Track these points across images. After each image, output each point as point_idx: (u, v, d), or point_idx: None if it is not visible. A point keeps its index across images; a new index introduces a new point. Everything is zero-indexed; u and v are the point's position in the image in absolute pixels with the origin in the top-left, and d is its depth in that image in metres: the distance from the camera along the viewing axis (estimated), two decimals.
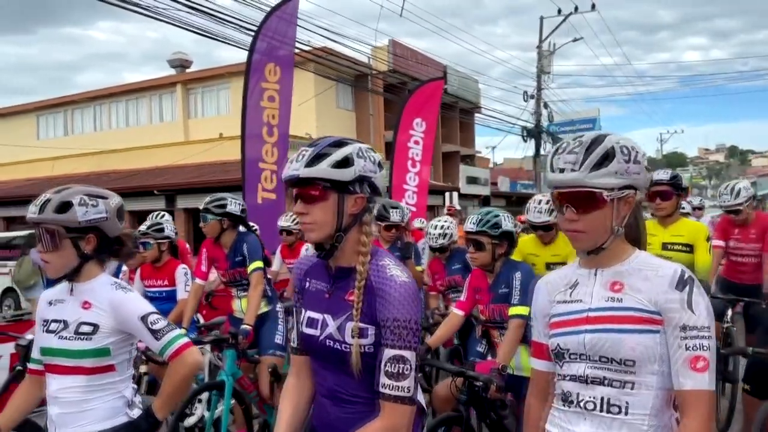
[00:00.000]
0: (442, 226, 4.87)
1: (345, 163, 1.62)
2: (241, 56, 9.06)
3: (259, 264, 3.98)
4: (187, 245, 7.54)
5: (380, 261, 1.70)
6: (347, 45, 49.85)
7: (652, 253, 3.69)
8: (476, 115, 29.46)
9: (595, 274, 1.62)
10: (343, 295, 1.70)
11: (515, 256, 3.55)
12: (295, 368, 1.87)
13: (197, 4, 10.83)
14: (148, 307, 2.08)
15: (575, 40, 26.51)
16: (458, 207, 13.30)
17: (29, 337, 3.18)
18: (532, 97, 25.16)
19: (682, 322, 1.47)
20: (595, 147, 1.52)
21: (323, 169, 1.61)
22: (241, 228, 4.18)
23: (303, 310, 1.81)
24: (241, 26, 12.10)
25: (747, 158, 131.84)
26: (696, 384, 1.44)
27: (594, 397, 1.54)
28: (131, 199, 19.40)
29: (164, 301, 4.41)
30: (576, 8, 25.27)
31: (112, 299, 2.04)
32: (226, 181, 17.42)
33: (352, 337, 1.63)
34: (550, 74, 26.33)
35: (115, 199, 2.14)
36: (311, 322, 1.75)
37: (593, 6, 25.77)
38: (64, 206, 1.98)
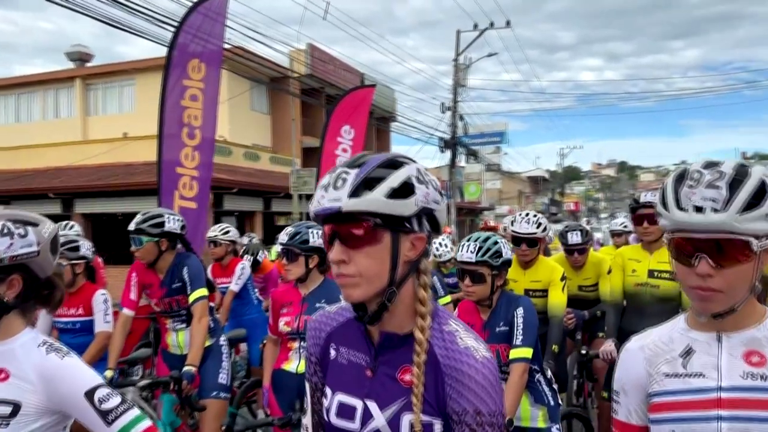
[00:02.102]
0: None
1: (404, 191, 1.15)
2: (148, 52, 8.25)
3: (203, 292, 3.37)
4: (100, 260, 6.64)
5: (445, 325, 1.23)
6: (267, 44, 48.55)
7: (637, 281, 3.40)
8: (392, 123, 29.41)
9: (719, 340, 1.24)
10: (393, 374, 1.22)
11: None
12: None
13: None
14: (94, 377, 1.49)
15: (490, 55, 27.12)
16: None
17: None
18: (449, 109, 25.38)
19: None
20: (742, 181, 1.15)
21: (376, 200, 1.13)
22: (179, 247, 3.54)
23: (330, 392, 1.30)
24: (155, 18, 11.15)
25: (635, 173, 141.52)
26: None
27: None
28: (22, 203, 17.62)
29: (78, 334, 3.67)
30: (492, 24, 25.82)
31: (43, 367, 1.45)
32: (133, 184, 16.18)
33: None
34: (465, 87, 26.73)
35: (48, 226, 1.54)
36: (345, 411, 1.25)
37: (508, 23, 26.45)
38: None
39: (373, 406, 1.22)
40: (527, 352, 2.70)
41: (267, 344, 3.51)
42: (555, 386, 2.96)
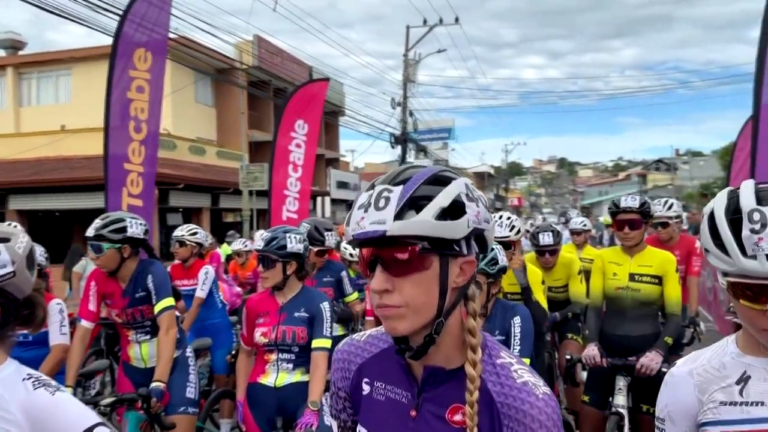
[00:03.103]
0: None
1: (455, 211, 1.04)
2: (82, 40, 7.82)
3: (169, 302, 3.13)
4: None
5: (498, 358, 1.11)
6: (213, 34, 47.22)
7: (618, 285, 3.38)
8: (340, 118, 29.17)
9: None
10: (440, 413, 1.09)
11: None
12: None
13: None
14: (90, 415, 1.29)
15: (440, 51, 27.19)
16: None
17: None
18: (399, 104, 25.34)
19: None
20: None
21: (426, 223, 1.01)
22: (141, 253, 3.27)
23: (362, 431, 1.16)
24: (94, 4, 10.58)
25: (574, 169, 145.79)
26: None
27: None
28: None
29: (31, 347, 3.34)
30: (441, 20, 25.90)
31: (31, 405, 1.23)
32: (71, 180, 15.42)
33: None
34: (415, 83, 26.75)
35: (21, 239, 1.32)
36: None
37: (457, 19, 26.60)
38: None
39: None
40: (525, 362, 2.61)
41: (240, 356, 3.30)
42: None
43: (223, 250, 11.93)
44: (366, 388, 1.19)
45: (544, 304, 3.72)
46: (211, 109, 24.35)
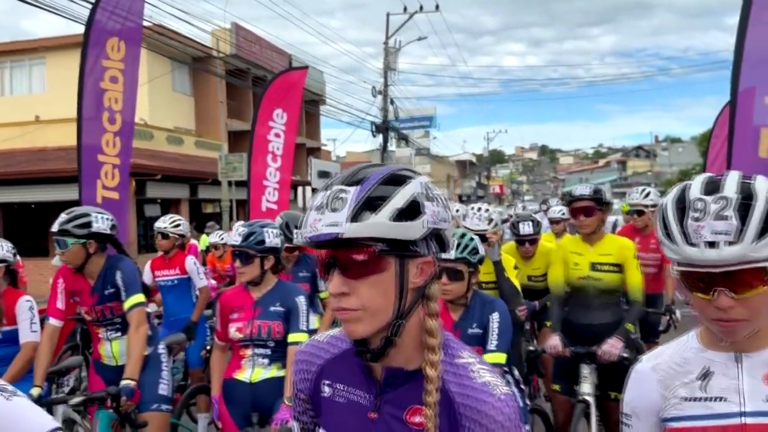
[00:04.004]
0: None
1: (412, 211, 1.03)
2: (58, 29, 7.65)
3: (139, 298, 3.06)
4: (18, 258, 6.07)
5: (458, 358, 1.09)
6: (190, 23, 46.48)
7: (580, 275, 3.45)
8: (321, 107, 28.98)
9: (737, 361, 1.18)
10: (399, 414, 1.08)
11: None
12: None
13: None
14: (48, 420, 1.24)
15: (420, 39, 27.06)
16: None
17: None
18: (380, 92, 25.23)
19: None
20: (751, 204, 1.09)
21: (382, 224, 1.01)
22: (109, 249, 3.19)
23: None
24: None
25: (556, 156, 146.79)
26: None
27: None
28: None
29: (2, 345, 3.27)
30: (421, 7, 25.77)
31: None
32: (46, 171, 15.15)
33: None
34: (396, 70, 26.63)
35: None
36: None
37: (437, 6, 26.49)
38: None
39: None
40: (501, 358, 2.63)
41: (214, 351, 3.25)
42: (523, 387, 2.90)
43: (203, 241, 11.81)
44: (326, 390, 1.17)
45: (517, 285, 3.74)
46: (189, 98, 24.02)
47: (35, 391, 2.93)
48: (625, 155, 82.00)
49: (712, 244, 1.10)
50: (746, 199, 1.11)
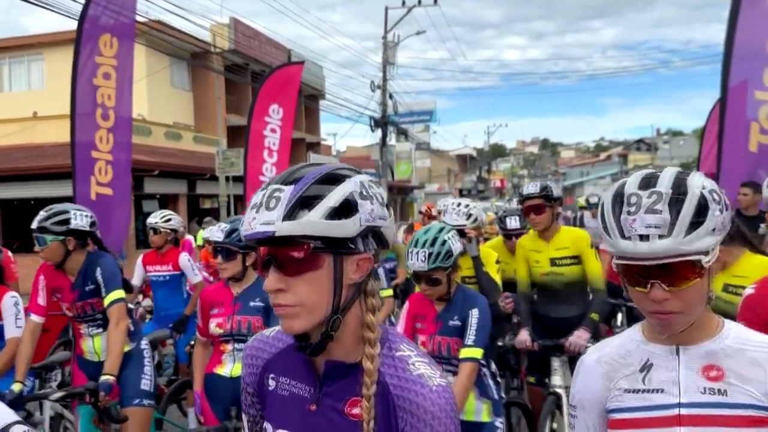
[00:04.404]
0: None
1: (346, 209, 1.06)
2: (56, 25, 7.67)
3: (119, 294, 3.09)
4: (10, 253, 6.11)
5: (396, 351, 1.12)
6: (187, 19, 46.52)
7: (542, 271, 3.54)
8: (321, 101, 28.95)
9: (677, 354, 1.21)
10: (338, 406, 1.11)
11: None
12: None
13: None
14: (7, 413, 1.27)
15: (419, 33, 27.02)
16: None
17: None
18: (378, 87, 25.18)
19: None
20: (683, 199, 1.11)
21: (315, 222, 1.04)
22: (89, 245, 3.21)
23: (269, 427, 1.18)
24: None
25: (557, 150, 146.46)
26: None
27: None
28: None
29: None
30: (419, 1, 25.70)
31: None
32: (44, 168, 15.17)
33: None
34: (394, 65, 26.58)
35: None
36: None
37: (435, 0, 26.39)
38: None
39: None
40: (478, 353, 2.66)
41: (196, 347, 3.28)
42: (499, 380, 2.94)
43: (200, 236, 11.82)
44: (271, 384, 1.20)
45: (498, 281, 3.79)
46: (188, 93, 24.02)
47: (16, 387, 2.96)
48: (626, 149, 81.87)
49: (644, 238, 1.12)
50: (679, 194, 1.13)
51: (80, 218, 3.09)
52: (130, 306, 5.84)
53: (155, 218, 5.26)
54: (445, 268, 2.69)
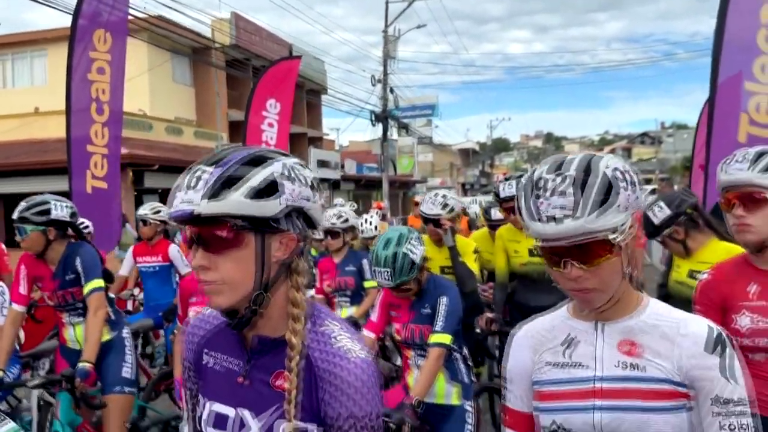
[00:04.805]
0: (337, 213, 4.51)
1: (268, 190, 1.10)
2: (59, 21, 7.75)
3: (98, 283, 3.15)
4: (3, 246, 6.20)
5: (322, 326, 1.18)
6: (187, 14, 46.55)
7: (521, 261, 3.58)
8: (323, 96, 28.97)
9: (598, 329, 1.25)
10: (266, 379, 1.17)
11: None
12: None
13: None
14: None
15: (420, 26, 27.01)
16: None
17: None
18: (379, 81, 25.18)
19: (716, 393, 1.15)
20: (589, 180, 1.15)
21: (236, 202, 1.08)
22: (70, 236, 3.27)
23: (203, 400, 1.23)
24: None
25: (561, 144, 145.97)
26: None
27: None
28: None
29: None
30: None
31: None
32: (45, 163, 15.30)
33: None
34: (395, 59, 26.56)
35: None
36: (220, 421, 1.19)
37: None
38: None
39: (247, 414, 1.17)
40: (446, 338, 2.72)
41: (178, 335, 3.35)
42: (470, 363, 3.00)
43: None
44: (207, 359, 1.26)
45: (476, 270, 3.85)
46: (190, 88, 24.08)
47: None
48: (630, 142, 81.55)
49: (553, 219, 1.16)
50: (586, 176, 1.17)
51: (60, 209, 3.15)
52: (124, 297, 5.92)
53: (145, 210, 5.33)
54: (411, 279, 2.76)
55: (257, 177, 1.09)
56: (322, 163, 26.54)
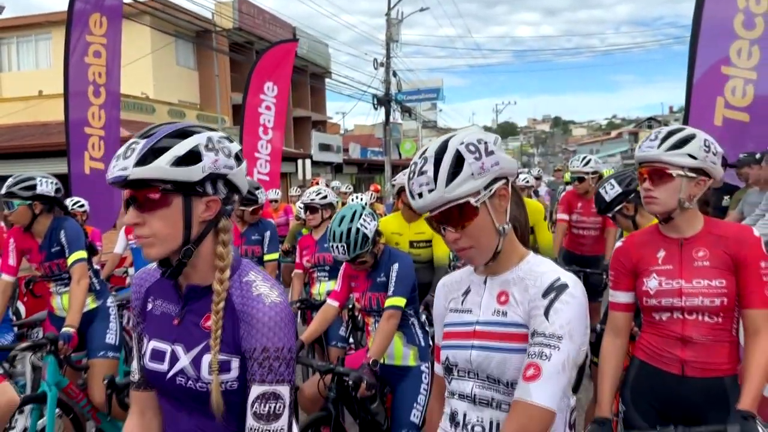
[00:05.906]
0: (316, 190, 4.68)
1: (190, 158, 1.29)
2: (64, 4, 7.89)
3: (81, 254, 3.37)
4: (2, 223, 6.43)
5: (245, 277, 1.38)
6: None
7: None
8: (327, 80, 29.03)
9: (486, 282, 1.47)
10: (197, 321, 1.37)
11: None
12: (138, 407, 1.50)
13: None
14: None
15: (422, 9, 26.88)
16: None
17: None
18: (382, 65, 25.19)
19: (533, 328, 1.33)
20: (444, 158, 1.36)
21: (160, 168, 1.26)
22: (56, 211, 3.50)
23: (145, 339, 1.45)
24: None
25: (568, 128, 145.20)
26: (520, 394, 1.28)
27: (482, 420, 1.42)
28: None
29: None
30: None
31: None
32: (48, 145, 15.53)
33: (211, 373, 1.31)
34: (398, 42, 26.54)
35: None
36: (157, 355, 1.40)
37: None
38: None
39: (179, 349, 1.37)
40: (399, 301, 2.93)
41: None
42: (427, 329, 3.19)
43: None
44: (150, 305, 1.47)
45: (446, 250, 4.04)
46: (193, 72, 24.25)
47: None
48: (638, 126, 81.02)
49: (420, 195, 1.38)
50: (440, 155, 1.37)
51: (46, 185, 3.37)
52: (119, 274, 6.16)
53: None
54: (366, 252, 2.98)
55: (181, 147, 1.27)
56: (324, 147, 26.70)
